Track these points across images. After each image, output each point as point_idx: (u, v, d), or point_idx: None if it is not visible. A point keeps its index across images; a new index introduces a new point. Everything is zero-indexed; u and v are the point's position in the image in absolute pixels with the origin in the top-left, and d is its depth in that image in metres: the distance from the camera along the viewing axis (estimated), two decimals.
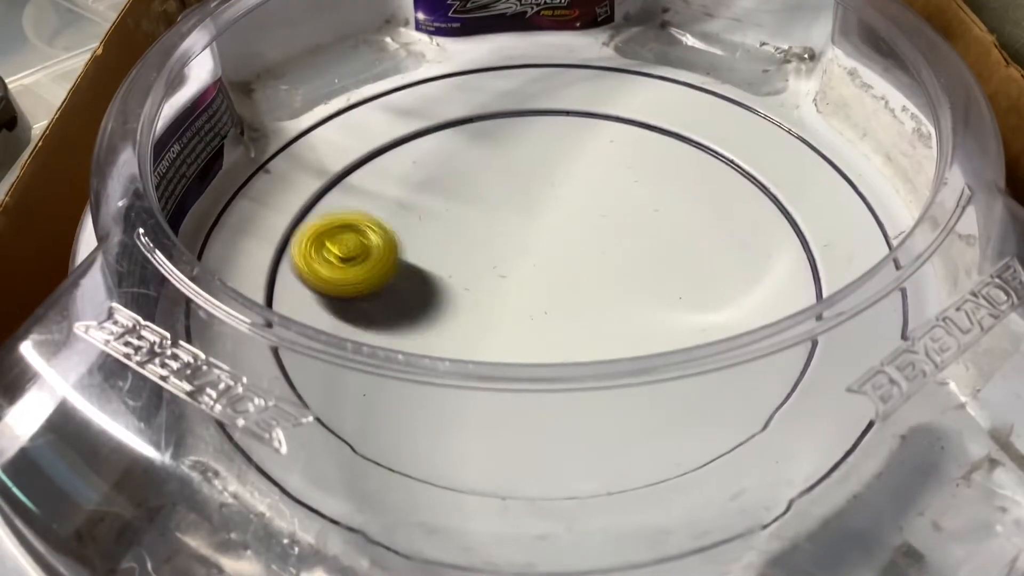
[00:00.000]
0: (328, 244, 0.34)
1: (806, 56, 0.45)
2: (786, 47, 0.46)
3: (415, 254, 0.37)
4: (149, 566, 0.25)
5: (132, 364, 0.26)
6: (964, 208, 0.29)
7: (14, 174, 0.36)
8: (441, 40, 0.48)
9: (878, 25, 0.38)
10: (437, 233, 0.38)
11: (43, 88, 0.55)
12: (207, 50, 0.39)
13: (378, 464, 0.29)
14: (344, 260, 0.33)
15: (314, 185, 0.40)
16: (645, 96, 0.44)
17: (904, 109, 0.38)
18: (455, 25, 0.47)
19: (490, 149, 0.42)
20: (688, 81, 0.45)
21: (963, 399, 0.28)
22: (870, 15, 0.38)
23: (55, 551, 0.25)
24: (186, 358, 0.26)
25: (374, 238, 0.34)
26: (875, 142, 0.40)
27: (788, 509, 0.26)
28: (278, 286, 0.36)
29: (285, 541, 0.25)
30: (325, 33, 0.47)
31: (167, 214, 0.35)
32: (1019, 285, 0.28)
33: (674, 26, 0.48)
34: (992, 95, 0.36)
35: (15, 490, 0.26)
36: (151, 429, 0.26)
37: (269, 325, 0.26)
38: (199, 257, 0.36)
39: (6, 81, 0.50)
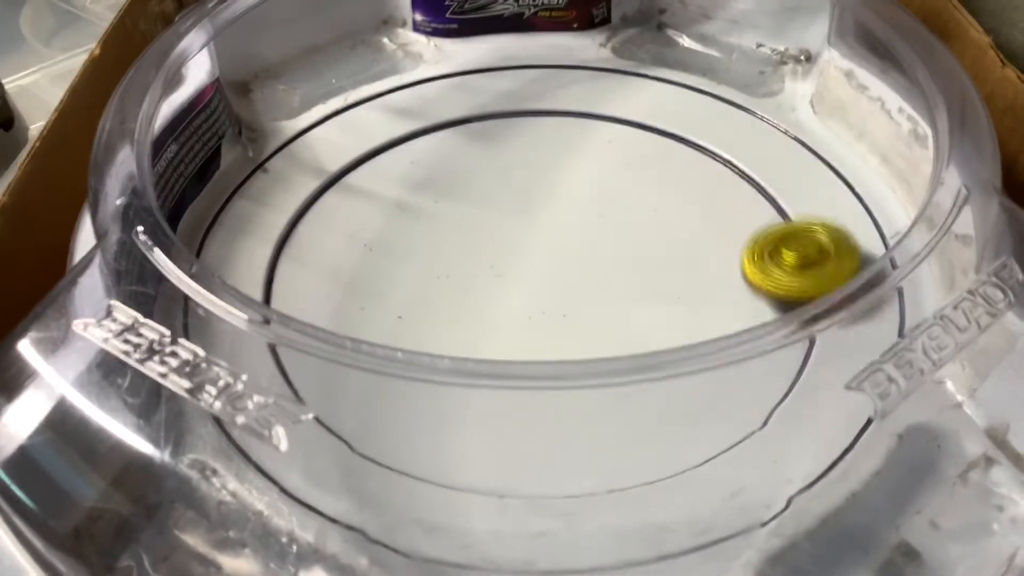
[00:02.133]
0: (784, 250, 0.33)
1: (803, 58, 0.45)
2: (783, 49, 0.46)
3: (412, 254, 0.37)
4: (147, 564, 0.25)
5: (131, 361, 0.26)
6: (960, 208, 0.29)
7: (12, 174, 0.36)
8: (438, 41, 0.48)
9: (874, 27, 0.38)
10: (435, 233, 0.38)
11: (41, 89, 0.55)
12: (205, 50, 0.39)
13: (377, 462, 0.29)
14: (803, 266, 0.32)
15: (312, 185, 0.40)
16: (642, 97, 0.44)
17: (900, 110, 0.38)
18: (452, 26, 0.47)
19: (487, 149, 0.42)
20: (685, 82, 0.45)
21: (960, 398, 0.28)
22: (866, 17, 0.38)
23: (53, 548, 0.25)
24: (185, 355, 0.26)
25: (826, 239, 0.33)
26: (872, 143, 0.40)
27: (787, 507, 0.26)
28: (276, 284, 0.36)
29: (284, 539, 0.25)
30: (323, 33, 0.47)
31: (165, 213, 0.35)
32: (1016, 284, 0.28)
33: (671, 28, 0.48)
34: (988, 96, 0.36)
35: (13, 488, 0.26)
36: (150, 426, 0.26)
37: (267, 322, 0.26)
38: (197, 255, 0.36)
39: (3, 82, 0.50)
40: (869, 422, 0.27)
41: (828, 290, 0.29)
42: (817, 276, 0.32)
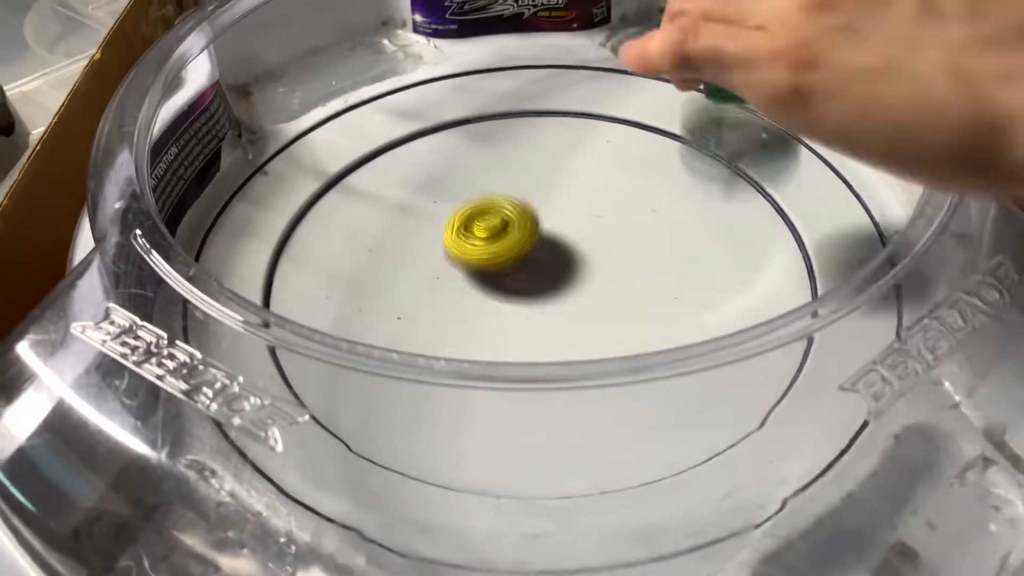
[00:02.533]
0: (475, 224, 0.36)
1: None
2: None
3: (412, 255, 0.37)
4: (146, 564, 0.25)
5: (129, 364, 0.26)
6: (958, 207, 0.29)
7: (12, 178, 0.36)
8: (438, 42, 0.48)
9: None
10: (434, 234, 0.38)
11: (42, 95, 0.55)
12: (204, 53, 0.39)
13: (374, 463, 0.29)
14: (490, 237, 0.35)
15: (312, 186, 0.40)
16: (642, 97, 0.44)
17: None
18: (452, 27, 0.47)
19: (488, 150, 0.42)
20: None
21: (957, 398, 0.28)
22: None
23: (52, 550, 0.26)
24: (182, 358, 0.26)
25: (511, 213, 0.36)
26: None
27: (782, 508, 0.26)
28: (275, 287, 0.36)
29: (282, 539, 0.26)
30: (322, 35, 0.47)
31: (165, 216, 0.35)
32: (1012, 284, 0.28)
33: None
34: None
35: (13, 489, 0.26)
36: (148, 428, 0.26)
37: (266, 325, 0.26)
38: (197, 258, 0.37)
39: (4, 88, 0.50)
40: (866, 423, 0.27)
41: (513, 256, 0.35)
42: (502, 244, 0.35)
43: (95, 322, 0.27)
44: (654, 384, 0.25)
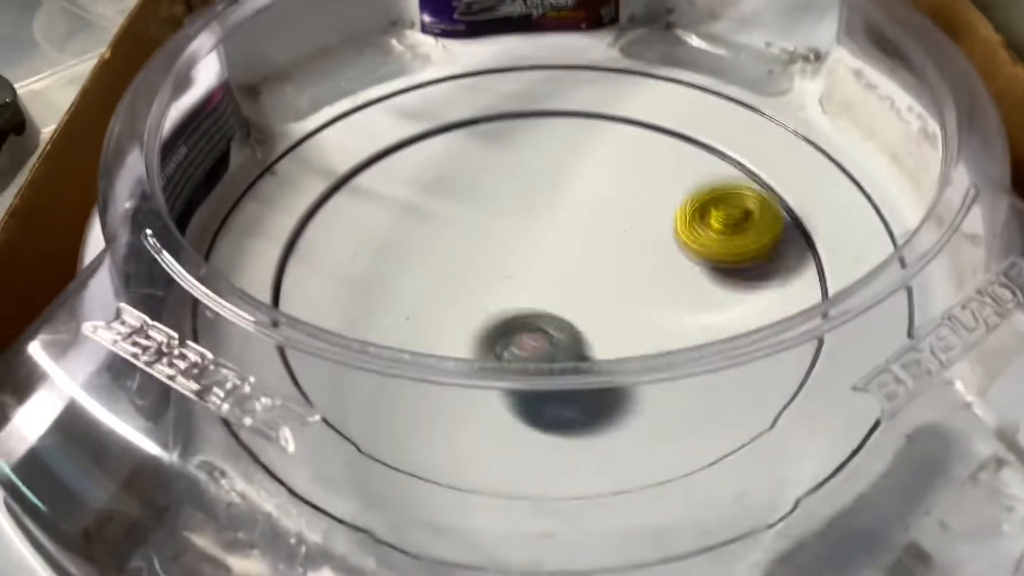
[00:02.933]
0: (713, 212, 0.34)
1: (811, 57, 0.45)
2: (791, 48, 0.46)
3: (421, 255, 0.37)
4: (157, 565, 0.25)
5: (140, 364, 0.26)
6: (970, 207, 0.29)
7: (23, 177, 0.36)
8: (447, 42, 0.48)
9: (883, 25, 0.38)
10: (443, 234, 0.38)
11: (53, 93, 0.55)
12: (213, 53, 0.39)
13: (384, 464, 0.29)
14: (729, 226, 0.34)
15: (320, 186, 0.40)
16: (650, 97, 0.44)
17: (910, 109, 0.38)
18: (461, 27, 0.47)
19: (496, 151, 0.42)
20: (693, 82, 0.45)
21: (969, 398, 0.28)
22: (875, 15, 0.38)
23: (64, 550, 0.26)
24: (193, 358, 0.26)
25: (752, 204, 0.35)
26: (881, 142, 0.40)
27: (794, 508, 0.26)
28: (285, 286, 0.36)
29: (292, 540, 0.26)
30: (331, 35, 0.47)
31: (175, 216, 0.35)
32: None
33: (679, 27, 0.48)
34: (998, 94, 0.36)
35: (24, 490, 0.26)
36: (159, 429, 0.26)
37: (276, 325, 0.26)
38: (206, 258, 0.36)
39: (16, 86, 0.50)
40: (878, 423, 0.27)
41: (750, 253, 0.33)
42: (741, 239, 0.34)
43: (106, 322, 0.27)
44: (665, 384, 0.25)
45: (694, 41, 0.47)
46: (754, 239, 0.34)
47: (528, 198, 0.40)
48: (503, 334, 0.33)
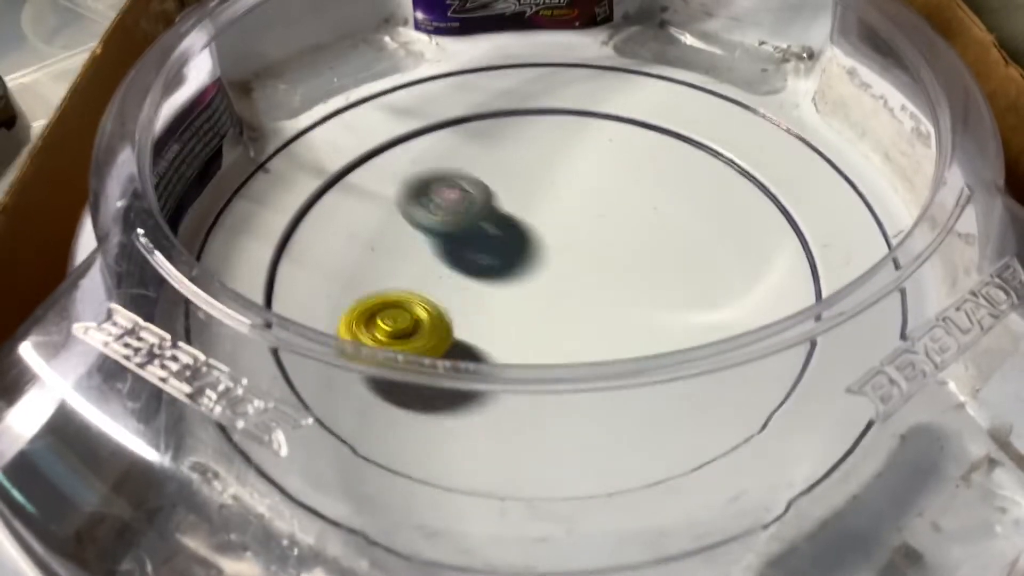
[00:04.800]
0: (379, 321, 0.32)
1: (805, 55, 0.45)
2: (785, 46, 0.46)
3: (414, 254, 0.37)
4: (148, 567, 0.25)
5: (131, 366, 0.26)
6: (963, 208, 0.29)
7: (13, 173, 0.36)
8: (440, 39, 0.48)
9: (877, 24, 0.38)
10: None
11: (42, 87, 0.55)
12: (206, 50, 0.39)
13: (378, 465, 0.29)
14: (395, 337, 0.32)
15: (313, 184, 0.40)
16: (644, 95, 0.44)
17: (903, 108, 0.38)
18: (454, 24, 0.47)
19: (489, 148, 0.42)
20: (687, 80, 0.44)
21: (962, 399, 0.28)
22: (869, 14, 0.38)
23: (54, 553, 0.25)
24: (185, 359, 0.26)
25: (423, 314, 0.33)
26: (874, 141, 0.40)
27: (787, 510, 0.26)
28: (277, 286, 0.36)
29: (285, 542, 0.25)
30: (324, 32, 0.47)
31: (166, 214, 0.35)
32: (1019, 285, 0.28)
33: (673, 25, 0.48)
34: (991, 95, 0.36)
35: (14, 492, 0.26)
36: (150, 431, 0.26)
37: (268, 326, 0.26)
38: (198, 257, 0.36)
39: (5, 80, 0.50)
40: (870, 424, 0.27)
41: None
42: (408, 348, 0.31)
43: (97, 323, 0.27)
44: (658, 386, 0.25)
45: (688, 39, 0.47)
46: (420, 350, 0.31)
47: (521, 196, 0.39)
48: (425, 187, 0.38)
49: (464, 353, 0.32)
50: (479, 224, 0.38)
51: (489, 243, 0.38)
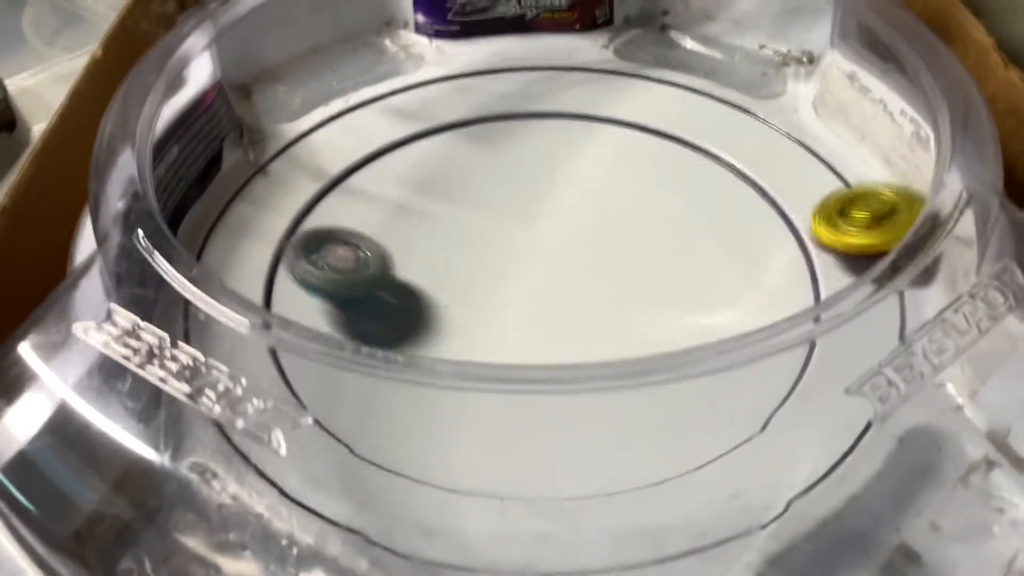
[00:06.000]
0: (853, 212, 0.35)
1: (805, 59, 0.45)
2: (785, 50, 0.46)
3: (413, 256, 0.37)
4: (148, 567, 0.25)
5: (131, 366, 0.26)
6: (962, 211, 0.29)
7: (14, 175, 0.36)
8: (440, 43, 0.48)
9: (877, 28, 0.38)
10: (436, 235, 0.38)
11: (43, 89, 0.55)
12: (206, 52, 0.39)
13: (377, 465, 0.29)
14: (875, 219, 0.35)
15: (313, 187, 0.40)
16: (644, 99, 0.44)
17: (903, 112, 0.38)
18: (454, 28, 0.47)
19: (489, 152, 0.42)
20: (687, 84, 0.45)
21: (960, 401, 0.28)
22: (869, 18, 0.38)
23: (54, 552, 0.25)
24: (185, 360, 0.26)
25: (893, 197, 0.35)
26: (874, 145, 0.40)
27: (786, 510, 0.26)
28: (276, 288, 0.36)
29: (284, 542, 0.26)
30: (324, 35, 0.47)
31: (166, 216, 0.35)
32: (1017, 287, 0.28)
33: (673, 29, 0.48)
34: (991, 98, 0.36)
35: (14, 491, 0.26)
36: (150, 430, 0.26)
37: (268, 327, 0.26)
38: (198, 259, 0.36)
39: (5, 83, 0.50)
40: (869, 425, 0.27)
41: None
42: (891, 227, 0.34)
43: (97, 323, 0.27)
44: (658, 387, 0.25)
45: (688, 43, 0.47)
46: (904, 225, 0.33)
47: (521, 200, 0.40)
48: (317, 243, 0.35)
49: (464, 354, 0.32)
50: (373, 291, 0.35)
51: (384, 311, 0.35)
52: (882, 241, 0.34)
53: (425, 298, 0.35)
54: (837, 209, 0.35)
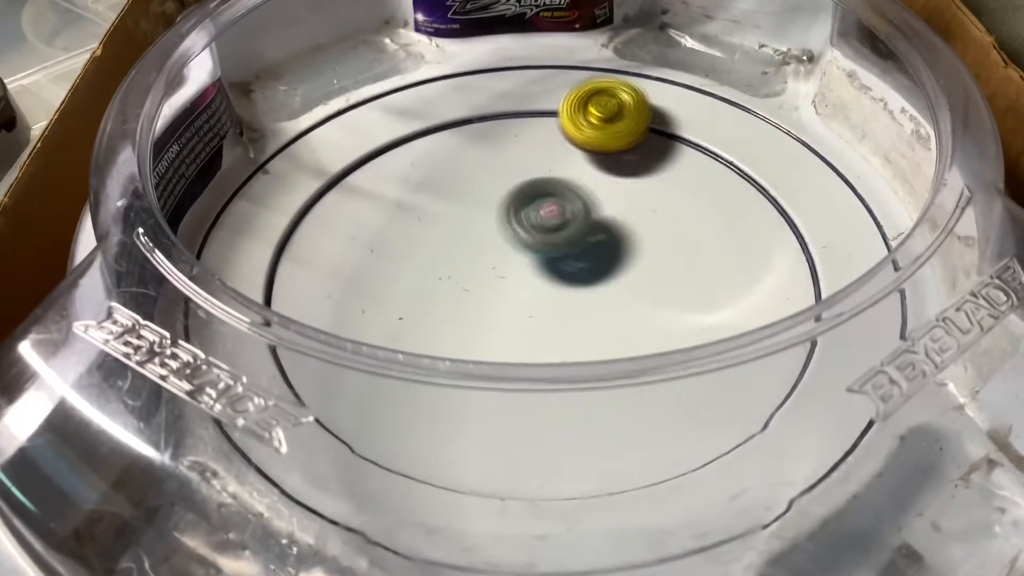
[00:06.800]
0: (591, 107, 0.40)
1: (805, 58, 0.45)
2: (785, 49, 0.46)
3: (413, 255, 0.37)
4: (147, 566, 0.25)
5: (131, 364, 0.26)
6: (963, 209, 0.29)
7: (13, 174, 0.36)
8: (440, 41, 0.48)
9: (877, 27, 0.38)
10: (436, 233, 0.38)
11: (42, 88, 0.55)
12: (206, 50, 0.39)
13: (377, 464, 0.29)
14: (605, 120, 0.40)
15: (313, 186, 0.40)
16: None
17: (903, 111, 0.38)
18: (454, 26, 0.47)
19: (489, 150, 0.42)
20: (687, 83, 0.45)
21: (962, 400, 0.28)
22: (869, 16, 0.38)
23: (53, 551, 0.25)
24: (185, 357, 0.26)
25: (626, 98, 0.40)
26: (874, 144, 0.40)
27: (788, 509, 0.26)
28: (277, 286, 0.36)
29: (284, 541, 0.25)
30: (324, 34, 0.47)
31: (166, 214, 0.35)
32: (1019, 286, 0.28)
33: (673, 28, 0.48)
34: (991, 96, 0.36)
35: (14, 490, 0.26)
36: (150, 429, 0.26)
37: (268, 324, 0.26)
38: (198, 257, 0.36)
39: (5, 82, 0.50)
40: (870, 424, 0.27)
41: (622, 143, 0.39)
42: (614, 130, 0.40)
43: (97, 321, 0.27)
44: (659, 385, 0.25)
45: (688, 42, 0.47)
46: (627, 128, 0.39)
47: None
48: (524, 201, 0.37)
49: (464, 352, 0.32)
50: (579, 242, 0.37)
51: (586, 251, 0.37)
52: (605, 142, 0.40)
53: (618, 232, 0.38)
54: (579, 103, 0.40)
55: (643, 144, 0.42)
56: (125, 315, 0.27)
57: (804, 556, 0.25)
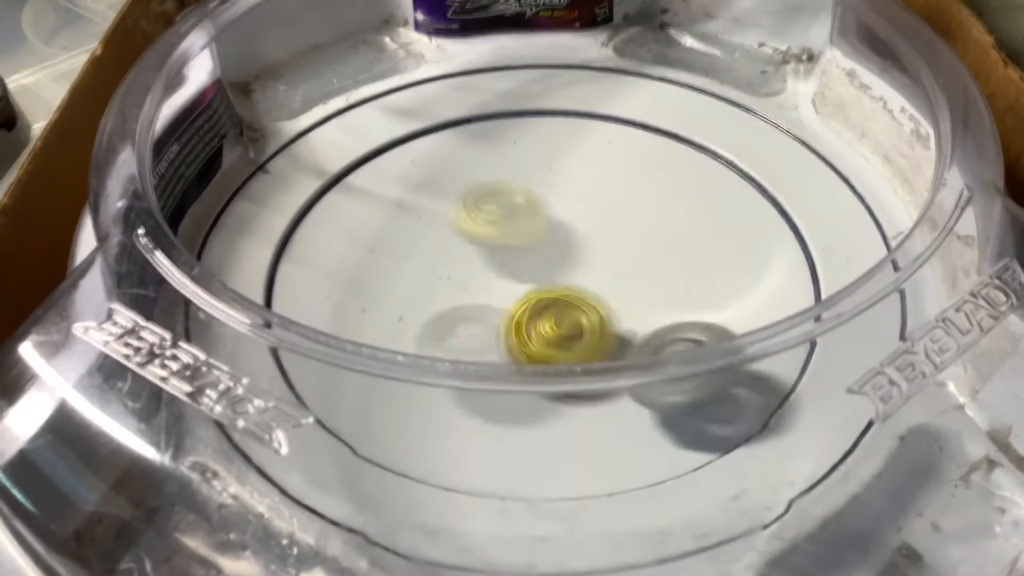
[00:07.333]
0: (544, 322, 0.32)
1: (805, 57, 0.45)
2: (785, 48, 0.46)
3: (413, 255, 0.37)
4: (148, 567, 0.25)
5: (131, 365, 0.26)
6: (963, 209, 0.29)
7: (13, 174, 0.36)
8: (440, 40, 0.48)
9: (877, 26, 0.38)
10: (436, 233, 0.38)
11: (42, 88, 0.55)
12: (206, 50, 0.39)
13: (378, 465, 0.29)
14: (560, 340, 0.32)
15: (313, 185, 0.40)
16: (644, 97, 0.44)
17: (903, 110, 0.38)
18: (454, 26, 0.47)
19: (489, 150, 0.42)
20: (687, 82, 0.45)
21: (962, 400, 0.28)
22: (869, 16, 0.38)
23: (54, 552, 0.25)
24: (186, 359, 0.26)
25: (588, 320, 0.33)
26: (874, 143, 0.40)
27: (788, 509, 0.26)
28: (277, 286, 0.36)
29: (284, 542, 0.25)
30: (324, 33, 0.47)
31: (166, 214, 0.35)
32: (1018, 286, 0.28)
33: (673, 27, 0.48)
34: (990, 96, 0.36)
35: (14, 491, 0.26)
36: (150, 430, 0.26)
37: (268, 326, 0.26)
38: (198, 257, 0.36)
39: (5, 81, 0.50)
40: (870, 424, 0.27)
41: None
42: (571, 353, 0.31)
43: (98, 322, 0.27)
44: (659, 386, 0.25)
45: (688, 41, 0.47)
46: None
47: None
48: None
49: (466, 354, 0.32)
50: None
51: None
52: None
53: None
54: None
55: (642, 144, 0.42)
56: (125, 316, 0.27)
57: (804, 556, 0.25)
